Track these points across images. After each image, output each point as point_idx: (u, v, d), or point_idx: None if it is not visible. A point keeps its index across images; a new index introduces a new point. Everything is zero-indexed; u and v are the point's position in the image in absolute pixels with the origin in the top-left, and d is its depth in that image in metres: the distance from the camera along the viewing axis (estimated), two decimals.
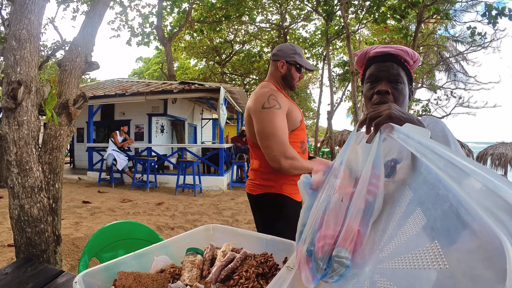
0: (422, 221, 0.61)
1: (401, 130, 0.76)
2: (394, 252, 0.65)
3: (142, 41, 15.98)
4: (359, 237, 0.76)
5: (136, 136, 12.12)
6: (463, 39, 19.85)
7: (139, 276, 1.06)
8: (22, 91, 2.05)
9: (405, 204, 0.71)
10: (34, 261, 1.73)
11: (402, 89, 1.19)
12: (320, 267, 0.79)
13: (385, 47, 1.23)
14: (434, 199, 0.61)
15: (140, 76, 37.10)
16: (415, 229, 0.62)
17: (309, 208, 0.98)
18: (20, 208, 2.10)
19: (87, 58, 2.76)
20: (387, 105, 0.90)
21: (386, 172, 0.87)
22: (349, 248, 0.75)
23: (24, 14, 2.14)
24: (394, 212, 0.74)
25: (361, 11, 16.19)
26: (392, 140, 0.81)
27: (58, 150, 2.51)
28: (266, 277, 1.12)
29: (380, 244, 0.71)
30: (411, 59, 1.23)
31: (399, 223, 0.69)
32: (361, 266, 0.74)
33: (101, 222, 5.10)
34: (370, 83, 1.24)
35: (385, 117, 0.85)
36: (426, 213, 0.62)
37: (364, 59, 1.32)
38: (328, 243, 0.79)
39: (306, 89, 38.90)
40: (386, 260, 0.66)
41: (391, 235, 0.70)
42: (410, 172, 0.77)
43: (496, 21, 10.21)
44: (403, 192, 0.75)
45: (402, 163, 0.84)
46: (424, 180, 0.67)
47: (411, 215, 0.66)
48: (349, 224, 0.76)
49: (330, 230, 0.80)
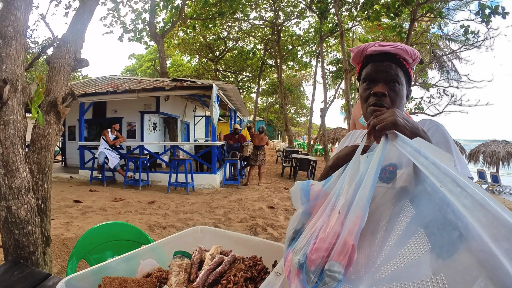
0: (426, 246, 0.59)
1: (410, 143, 0.73)
2: (392, 275, 0.62)
3: (135, 37, 15.87)
4: (353, 251, 0.73)
5: (128, 134, 12.04)
6: (456, 37, 19.96)
7: (124, 281, 1.04)
8: (8, 90, 2.01)
9: (406, 221, 0.68)
10: (21, 264, 1.70)
11: (399, 90, 1.15)
12: (311, 280, 0.77)
13: (383, 45, 1.18)
14: (440, 224, 0.58)
15: (133, 73, 36.96)
16: (417, 254, 0.60)
17: (305, 215, 0.96)
18: (7, 209, 2.06)
19: (76, 55, 2.72)
20: (391, 111, 0.87)
21: (385, 177, 0.85)
22: (342, 262, 0.73)
23: (10, 11, 2.09)
24: (393, 228, 0.71)
25: (355, 9, 16.21)
26: (394, 148, 0.79)
27: (46, 149, 2.47)
28: (255, 281, 1.10)
29: (377, 262, 0.69)
30: (411, 57, 1.18)
31: (398, 242, 0.67)
32: (354, 282, 0.71)
33: (93, 221, 5.05)
34: (367, 83, 1.20)
35: (390, 124, 0.82)
36: (431, 238, 0.59)
37: (360, 56, 1.26)
38: (321, 256, 0.76)
39: (299, 86, 39.01)
40: (383, 283, 0.63)
41: (389, 254, 0.67)
42: (412, 184, 0.75)
43: (489, 20, 10.28)
44: (403, 206, 0.72)
45: (402, 170, 0.82)
46: (429, 198, 0.64)
47: (412, 236, 0.63)
48: (344, 238, 0.74)
49: (324, 243, 0.78)
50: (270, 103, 40.78)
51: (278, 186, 10.18)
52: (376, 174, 0.78)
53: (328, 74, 24.49)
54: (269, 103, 40.81)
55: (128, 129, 12.19)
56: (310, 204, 0.97)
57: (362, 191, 0.77)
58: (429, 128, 1.14)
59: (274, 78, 30.46)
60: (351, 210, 0.77)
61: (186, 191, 8.44)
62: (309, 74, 34.26)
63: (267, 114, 41.16)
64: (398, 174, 0.83)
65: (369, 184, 0.77)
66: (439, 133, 1.11)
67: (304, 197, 1.01)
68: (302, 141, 38.27)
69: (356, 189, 0.80)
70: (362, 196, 0.76)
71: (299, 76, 35.99)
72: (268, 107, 41.18)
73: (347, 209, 0.79)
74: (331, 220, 0.81)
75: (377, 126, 0.84)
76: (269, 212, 6.48)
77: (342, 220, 0.78)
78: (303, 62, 25.86)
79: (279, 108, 35.25)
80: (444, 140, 1.09)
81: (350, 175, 0.86)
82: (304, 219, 0.95)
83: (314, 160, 12.10)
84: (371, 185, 0.77)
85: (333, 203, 0.85)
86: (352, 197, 0.79)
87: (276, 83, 28.13)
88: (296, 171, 12.53)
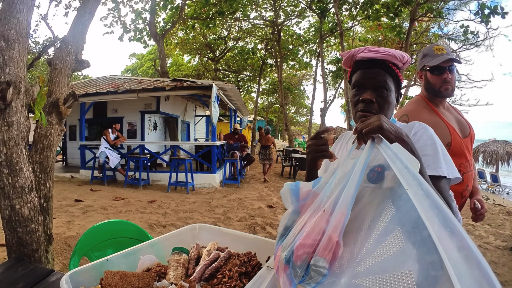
0: (401, 243, 0.64)
1: (390, 148, 0.79)
2: (369, 269, 0.67)
3: (135, 37, 15.89)
4: (337, 247, 0.78)
5: (129, 134, 12.07)
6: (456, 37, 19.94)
7: (125, 275, 1.09)
8: (11, 92, 2.06)
9: (387, 220, 0.73)
10: (25, 261, 1.75)
11: (387, 96, 1.18)
12: (298, 274, 0.81)
13: (371, 52, 1.20)
14: (414, 222, 0.63)
15: (134, 73, 36.91)
16: (392, 250, 0.65)
17: (295, 213, 1.00)
18: (10, 208, 2.11)
19: (78, 57, 2.76)
20: (377, 117, 0.91)
21: (373, 177, 0.89)
22: (327, 258, 0.77)
23: (12, 14, 2.14)
24: (375, 225, 0.76)
25: (355, 9, 16.21)
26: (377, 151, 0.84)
27: (48, 149, 2.52)
28: (249, 276, 1.15)
29: (358, 257, 0.74)
30: (400, 61, 1.21)
31: (378, 239, 0.71)
32: (338, 276, 0.76)
33: (93, 220, 5.10)
34: (356, 89, 1.23)
35: (375, 127, 0.87)
36: (405, 235, 0.64)
37: (351, 61, 1.29)
38: (306, 252, 0.81)
39: (300, 86, 38.99)
40: (361, 276, 0.68)
41: (369, 249, 0.72)
42: (396, 185, 0.79)
43: (489, 20, 10.29)
44: (385, 206, 0.77)
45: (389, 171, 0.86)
46: (407, 199, 0.68)
47: (390, 234, 0.68)
48: (329, 234, 0.79)
49: (310, 239, 0.82)
50: (270, 103, 40.75)
51: (278, 185, 10.21)
52: (361, 175, 0.82)
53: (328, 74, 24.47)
54: (269, 102, 40.78)
55: (129, 129, 12.23)
56: (300, 204, 1.01)
57: (347, 190, 0.81)
58: (417, 131, 1.17)
59: (275, 77, 30.43)
60: (336, 208, 0.81)
61: (186, 191, 8.48)
62: (309, 74, 34.23)
63: (267, 113, 41.15)
64: (385, 175, 0.87)
65: (353, 184, 0.81)
66: (426, 136, 1.15)
67: (294, 197, 1.04)
68: (302, 141, 38.29)
69: (342, 189, 0.84)
70: (346, 195, 0.81)
71: (299, 76, 35.97)
72: (269, 107, 41.16)
73: (332, 207, 0.83)
74: (317, 217, 0.85)
75: (363, 130, 0.89)
76: (268, 211, 6.52)
77: (327, 218, 0.82)
78: (303, 61, 25.84)
79: (279, 108, 35.23)
80: (431, 143, 1.13)
81: (339, 176, 0.90)
82: (294, 217, 0.99)
83: None
84: (356, 184, 0.81)
85: (321, 203, 0.89)
86: (338, 196, 0.83)
87: (276, 83, 28.10)
88: (295, 171, 12.54)
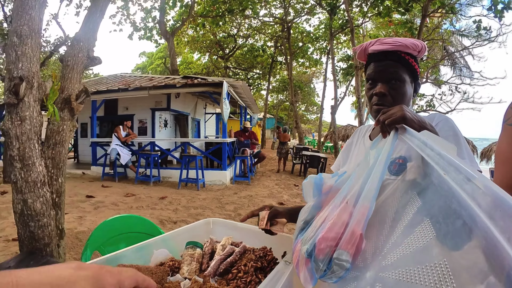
0: (431, 234, 0.61)
1: (417, 136, 0.75)
2: (398, 261, 0.65)
3: (145, 35, 15.94)
4: (360, 240, 0.75)
5: (140, 131, 12.15)
6: (469, 33, 19.68)
7: (139, 269, 1.07)
8: (24, 87, 2.06)
9: (413, 212, 0.70)
10: (37, 255, 1.75)
11: (400, 87, 1.15)
12: (320, 268, 0.79)
13: (382, 44, 1.17)
14: (445, 213, 0.60)
15: (143, 71, 37.13)
16: (422, 242, 0.62)
17: (316, 207, 0.98)
18: (23, 202, 2.11)
19: (89, 53, 2.77)
20: (399, 107, 0.88)
21: (394, 169, 0.86)
22: (350, 251, 0.75)
23: (25, 10, 2.14)
24: (400, 218, 0.73)
25: (366, 5, 16.07)
26: (403, 142, 0.81)
27: (61, 145, 2.53)
28: (265, 271, 1.13)
29: (383, 250, 0.71)
30: (414, 50, 1.16)
31: (405, 231, 0.69)
32: (361, 270, 0.74)
33: (105, 216, 5.12)
34: (370, 83, 1.21)
35: (398, 118, 0.84)
36: (436, 226, 0.61)
37: (364, 55, 1.27)
38: (329, 245, 0.79)
39: (310, 83, 38.82)
40: (390, 269, 0.65)
41: (395, 242, 0.69)
42: (421, 177, 0.76)
43: (502, 15, 10.11)
44: (410, 198, 0.74)
45: (412, 163, 0.83)
46: (436, 190, 0.66)
47: (418, 225, 0.65)
48: (352, 228, 0.76)
49: (333, 232, 0.79)
50: (280, 100, 40.66)
51: (288, 183, 10.18)
52: (385, 167, 0.79)
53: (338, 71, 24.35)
54: (279, 100, 40.68)
55: (140, 126, 12.30)
56: (322, 198, 0.98)
57: (370, 183, 0.79)
58: (438, 122, 1.13)
59: (284, 75, 30.34)
60: (359, 201, 0.78)
61: (196, 187, 8.49)
62: (319, 71, 34.11)
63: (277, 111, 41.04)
64: (408, 167, 0.84)
65: (377, 176, 0.78)
66: (448, 127, 1.10)
67: (316, 191, 1.02)
68: (312, 139, 38.13)
69: (364, 182, 0.81)
70: (370, 188, 0.78)
71: (309, 73, 35.81)
72: (278, 104, 41.06)
73: (355, 200, 0.80)
74: (340, 210, 0.82)
75: (386, 121, 0.86)
76: None
77: (350, 211, 0.80)
78: (314, 59, 25.72)
79: (289, 105, 35.17)
80: (453, 134, 1.09)
81: (361, 169, 0.87)
82: (314, 211, 0.97)
83: (324, 157, 12.05)
84: (380, 177, 0.78)
85: (343, 196, 0.86)
86: (361, 189, 0.81)
87: (286, 80, 28.03)
88: (306, 168, 12.49)
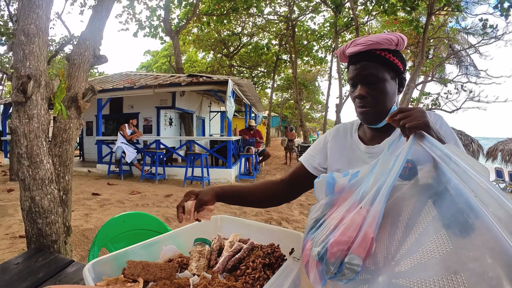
0: (448, 246, 0.61)
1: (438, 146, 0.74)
2: (412, 270, 0.64)
3: (150, 33, 15.99)
4: (372, 244, 0.75)
5: (145, 129, 12.20)
6: (475, 31, 19.54)
7: (148, 265, 1.08)
8: (32, 85, 2.08)
9: (428, 220, 0.70)
10: (45, 251, 1.76)
11: (379, 87, 1.14)
12: (330, 271, 0.79)
13: (355, 45, 1.15)
14: (462, 226, 0.60)
15: (148, 69, 37.19)
16: (438, 252, 0.61)
17: (328, 206, 0.97)
18: (31, 199, 2.13)
19: (95, 52, 2.78)
20: (421, 111, 0.87)
21: (405, 174, 0.85)
22: (361, 255, 0.75)
23: (32, 9, 2.15)
24: (414, 224, 0.73)
25: (371, 3, 15.97)
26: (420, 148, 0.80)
27: (67, 143, 2.55)
28: (273, 268, 1.13)
29: (396, 256, 0.71)
30: (390, 44, 1.13)
31: (419, 239, 0.68)
32: (372, 273, 0.74)
33: (111, 213, 5.16)
34: (351, 86, 1.22)
35: (422, 124, 0.84)
36: (453, 239, 0.61)
37: (344, 57, 1.26)
38: (341, 249, 0.78)
39: (314, 81, 38.74)
40: (403, 276, 0.65)
41: (409, 249, 0.69)
42: (434, 183, 0.76)
43: (509, 14, 10.02)
44: (425, 205, 0.74)
45: (423, 167, 0.82)
46: (452, 200, 0.65)
47: (434, 235, 0.65)
48: (365, 231, 0.76)
49: (345, 236, 0.79)
50: (285, 99, 40.64)
51: None
52: (399, 171, 0.79)
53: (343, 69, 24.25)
54: (284, 98, 40.68)
55: (145, 124, 12.35)
56: (334, 197, 0.98)
57: (384, 187, 0.78)
58: (436, 120, 1.13)
59: (289, 73, 30.32)
60: (373, 206, 0.78)
61: (202, 185, 8.49)
62: (324, 69, 34.01)
63: (282, 109, 41.04)
64: (420, 172, 0.84)
65: (391, 180, 0.78)
66: (445, 126, 1.11)
67: (329, 190, 1.01)
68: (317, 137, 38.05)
69: (380, 186, 0.81)
70: (383, 192, 0.78)
71: (314, 71, 35.72)
72: (283, 103, 41.04)
73: (370, 204, 0.80)
74: (353, 214, 0.82)
75: (407, 124, 0.84)
76: (284, 207, 6.49)
77: (364, 215, 0.79)
78: (318, 57, 25.65)
79: (294, 104, 35.11)
80: (450, 133, 1.09)
81: (378, 173, 0.86)
82: (326, 209, 0.97)
83: None
84: (392, 181, 0.78)
85: (358, 199, 0.86)
86: (376, 193, 0.80)
87: (291, 79, 27.98)
88: None
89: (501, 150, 17.64)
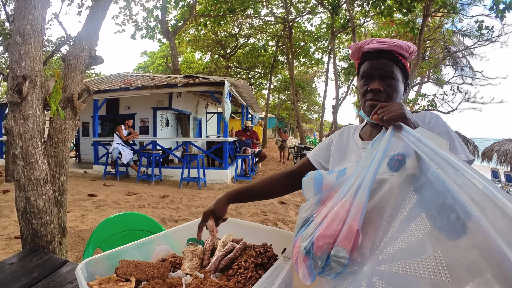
0: (426, 227, 0.63)
1: (413, 133, 0.77)
2: (394, 255, 0.66)
3: (147, 34, 15.98)
4: (357, 236, 0.77)
5: (141, 130, 12.17)
6: (470, 33, 19.63)
7: (140, 265, 1.09)
8: (27, 86, 2.08)
9: (409, 207, 0.72)
10: (39, 251, 1.77)
11: (395, 85, 1.19)
12: (318, 265, 0.81)
13: (378, 43, 1.22)
14: (440, 207, 0.61)
15: (145, 70, 37.12)
16: (418, 235, 0.63)
17: (316, 204, 0.99)
18: (26, 200, 2.13)
19: (91, 53, 2.79)
20: (398, 104, 0.91)
21: (395, 166, 0.88)
22: (347, 247, 0.77)
23: (28, 10, 2.16)
24: (397, 213, 0.75)
25: (367, 4, 16.04)
26: (400, 140, 0.82)
27: (63, 143, 2.55)
28: (265, 267, 1.14)
29: (380, 245, 0.73)
30: (406, 51, 1.21)
31: (401, 226, 0.70)
32: (359, 265, 0.75)
33: (106, 214, 5.14)
34: (364, 80, 1.25)
35: (399, 115, 0.87)
36: (431, 220, 0.63)
37: (358, 53, 1.30)
38: (327, 242, 0.80)
39: (311, 83, 38.78)
40: (386, 263, 0.67)
41: (392, 237, 0.71)
42: (417, 173, 0.78)
43: (504, 15, 10.09)
44: (407, 194, 0.76)
45: (410, 159, 0.85)
46: (431, 185, 0.68)
47: (414, 220, 0.67)
48: (349, 224, 0.78)
49: (330, 229, 0.81)
50: (281, 100, 40.64)
51: None
52: (380, 162, 0.81)
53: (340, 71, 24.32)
54: (280, 99, 40.67)
55: (141, 125, 12.33)
56: (323, 195, 1.00)
57: (367, 179, 0.80)
58: (430, 120, 1.16)
59: (286, 74, 30.34)
60: (356, 198, 0.80)
61: (198, 186, 8.52)
62: (321, 71, 34.05)
63: (278, 110, 41.04)
64: (407, 163, 0.86)
65: (372, 171, 0.80)
66: (440, 124, 1.14)
67: (316, 188, 1.03)
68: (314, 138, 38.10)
69: (362, 179, 0.83)
70: (365, 184, 0.80)
71: (311, 73, 35.76)
72: (280, 104, 41.05)
73: (352, 197, 0.82)
74: (337, 208, 0.84)
75: (385, 117, 0.88)
76: (280, 207, 6.51)
77: (348, 208, 0.81)
78: (315, 58, 25.73)
79: (290, 105, 35.14)
80: (445, 130, 1.12)
81: (361, 167, 0.88)
82: (314, 208, 0.98)
83: None
84: (374, 172, 0.80)
85: (343, 194, 0.88)
86: (358, 186, 0.82)
87: (288, 80, 27.99)
88: None
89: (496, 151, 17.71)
